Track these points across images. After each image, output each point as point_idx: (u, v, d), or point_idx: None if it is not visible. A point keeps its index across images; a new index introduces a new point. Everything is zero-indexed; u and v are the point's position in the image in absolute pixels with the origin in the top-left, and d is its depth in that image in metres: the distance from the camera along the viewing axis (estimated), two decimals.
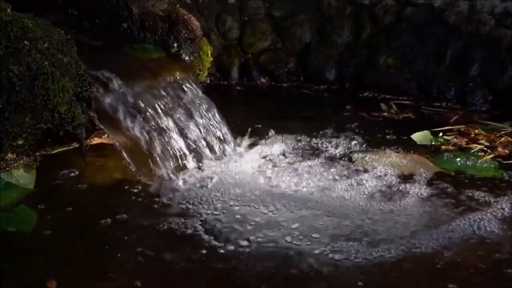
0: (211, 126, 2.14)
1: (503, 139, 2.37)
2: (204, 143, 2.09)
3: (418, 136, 2.37)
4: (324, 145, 2.28)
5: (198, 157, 2.04)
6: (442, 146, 2.30)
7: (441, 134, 2.41)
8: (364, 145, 2.29)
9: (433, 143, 2.33)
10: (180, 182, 1.90)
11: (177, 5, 2.44)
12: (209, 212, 1.74)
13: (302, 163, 2.09)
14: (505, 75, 2.85)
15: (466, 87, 2.92)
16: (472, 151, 2.25)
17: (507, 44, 2.87)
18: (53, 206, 1.72)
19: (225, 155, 2.11)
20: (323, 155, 2.18)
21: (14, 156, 1.72)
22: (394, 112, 2.80)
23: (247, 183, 1.93)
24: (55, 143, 1.89)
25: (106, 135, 2.07)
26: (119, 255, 1.50)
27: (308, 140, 2.32)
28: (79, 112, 1.74)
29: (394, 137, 2.41)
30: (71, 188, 1.84)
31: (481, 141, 2.34)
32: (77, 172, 1.93)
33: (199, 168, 2.00)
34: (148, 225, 1.65)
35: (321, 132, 2.40)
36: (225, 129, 2.17)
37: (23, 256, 1.49)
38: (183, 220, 1.67)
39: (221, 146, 2.12)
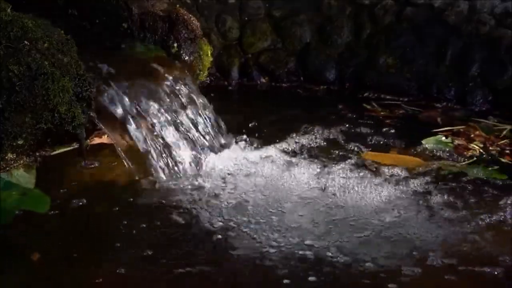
0: (210, 126, 2.15)
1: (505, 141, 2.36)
2: (202, 141, 2.09)
3: (429, 141, 2.31)
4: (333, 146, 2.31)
5: (196, 155, 2.05)
6: (464, 152, 2.24)
7: (444, 138, 2.37)
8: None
9: (446, 148, 2.26)
10: (178, 181, 1.91)
11: (177, 5, 2.44)
12: (207, 206, 1.77)
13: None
14: (505, 75, 2.85)
15: (466, 87, 2.91)
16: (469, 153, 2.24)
17: (507, 44, 2.87)
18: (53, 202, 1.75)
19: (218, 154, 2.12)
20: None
21: (14, 156, 1.72)
22: (381, 110, 2.79)
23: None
24: (55, 143, 1.89)
25: (106, 135, 2.07)
26: None
27: (312, 139, 2.34)
28: (79, 112, 1.74)
29: (396, 138, 2.40)
30: (70, 186, 1.86)
31: (476, 142, 2.34)
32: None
33: (197, 166, 2.01)
34: (146, 225, 1.65)
35: (324, 131, 2.42)
36: (223, 129, 2.19)
37: None
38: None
39: (218, 146, 2.14)
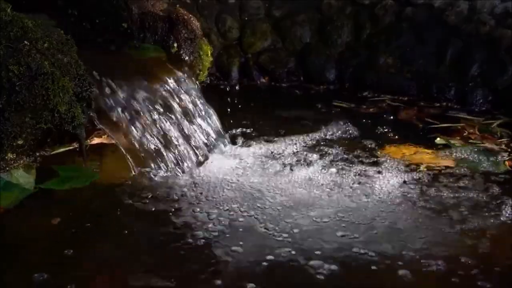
0: (210, 126, 2.15)
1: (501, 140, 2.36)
2: (202, 142, 2.10)
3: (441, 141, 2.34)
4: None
5: (196, 155, 2.05)
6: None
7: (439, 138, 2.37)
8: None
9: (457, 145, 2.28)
10: (178, 179, 1.91)
11: (177, 5, 2.45)
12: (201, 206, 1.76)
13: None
14: (505, 75, 2.84)
15: (466, 87, 2.91)
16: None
17: (507, 44, 2.87)
18: (56, 201, 1.76)
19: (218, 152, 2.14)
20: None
21: (14, 156, 1.72)
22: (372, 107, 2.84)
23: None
24: (55, 143, 1.89)
25: (106, 135, 2.07)
26: None
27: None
28: (79, 112, 1.74)
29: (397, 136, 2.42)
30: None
31: (471, 141, 2.35)
32: None
33: (197, 166, 2.02)
34: (148, 229, 1.66)
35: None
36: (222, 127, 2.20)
37: None
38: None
39: (218, 145, 2.15)
